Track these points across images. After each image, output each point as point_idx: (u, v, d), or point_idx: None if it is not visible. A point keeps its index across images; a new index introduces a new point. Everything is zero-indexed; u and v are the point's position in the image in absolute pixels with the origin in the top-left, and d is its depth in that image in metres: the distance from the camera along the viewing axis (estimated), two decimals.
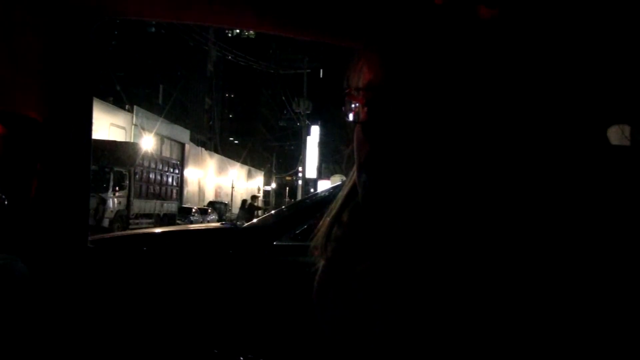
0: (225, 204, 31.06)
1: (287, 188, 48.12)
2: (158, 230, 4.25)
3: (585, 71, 0.86)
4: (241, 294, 2.00)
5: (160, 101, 36.41)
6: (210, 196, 32.86)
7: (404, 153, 0.58)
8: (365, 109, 0.63)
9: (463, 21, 0.60)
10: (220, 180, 35.72)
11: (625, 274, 0.54)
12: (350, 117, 0.65)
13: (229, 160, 38.95)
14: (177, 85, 38.67)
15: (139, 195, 19.71)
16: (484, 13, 0.60)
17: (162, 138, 24.93)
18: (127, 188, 18.43)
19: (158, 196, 21.64)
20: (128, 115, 23.85)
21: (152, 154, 21.63)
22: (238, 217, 17.36)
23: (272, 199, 47.49)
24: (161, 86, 38.67)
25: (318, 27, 1.32)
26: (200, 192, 31.34)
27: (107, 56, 29.21)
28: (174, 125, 28.62)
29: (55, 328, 1.44)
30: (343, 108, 0.66)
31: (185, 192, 26.61)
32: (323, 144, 34.87)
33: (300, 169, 35.96)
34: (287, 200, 40.61)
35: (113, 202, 17.60)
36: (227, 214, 28.46)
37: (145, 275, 2.01)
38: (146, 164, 20.62)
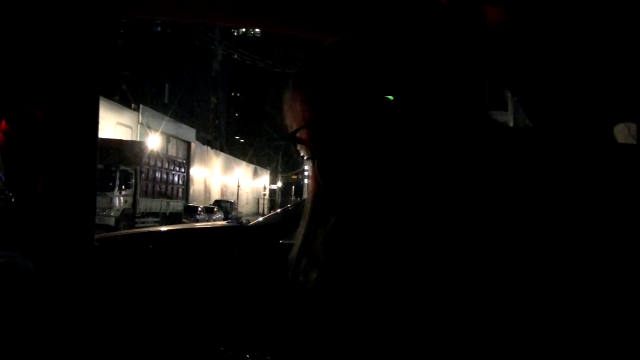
0: (231, 203, 31.13)
1: (293, 187, 48.13)
2: (164, 228, 4.26)
3: (591, 70, 0.86)
4: (247, 292, 2.00)
5: (166, 100, 36.50)
6: (216, 195, 32.93)
7: (371, 177, 0.58)
8: (314, 145, 0.62)
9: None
10: (226, 179, 35.78)
11: (629, 273, 0.53)
12: (305, 157, 0.65)
13: (235, 159, 39.02)
14: (183, 84, 38.76)
15: (145, 194, 19.78)
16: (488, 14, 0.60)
17: (168, 137, 25.00)
18: (134, 187, 18.51)
19: (164, 195, 21.72)
20: (134, 114, 23.93)
21: (158, 152, 21.71)
22: None
23: (278, 198, 47.53)
24: (167, 85, 38.76)
25: (320, 24, 1.32)
26: (206, 190, 31.41)
27: (114, 55, 29.28)
28: (180, 124, 28.70)
29: (60, 325, 1.45)
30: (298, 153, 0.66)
31: (191, 190, 26.67)
32: None
33: (306, 167, 35.95)
34: (292, 199, 40.60)
35: (119, 200, 17.68)
36: (233, 213, 28.49)
37: (151, 273, 2.02)
38: (152, 162, 20.70)
